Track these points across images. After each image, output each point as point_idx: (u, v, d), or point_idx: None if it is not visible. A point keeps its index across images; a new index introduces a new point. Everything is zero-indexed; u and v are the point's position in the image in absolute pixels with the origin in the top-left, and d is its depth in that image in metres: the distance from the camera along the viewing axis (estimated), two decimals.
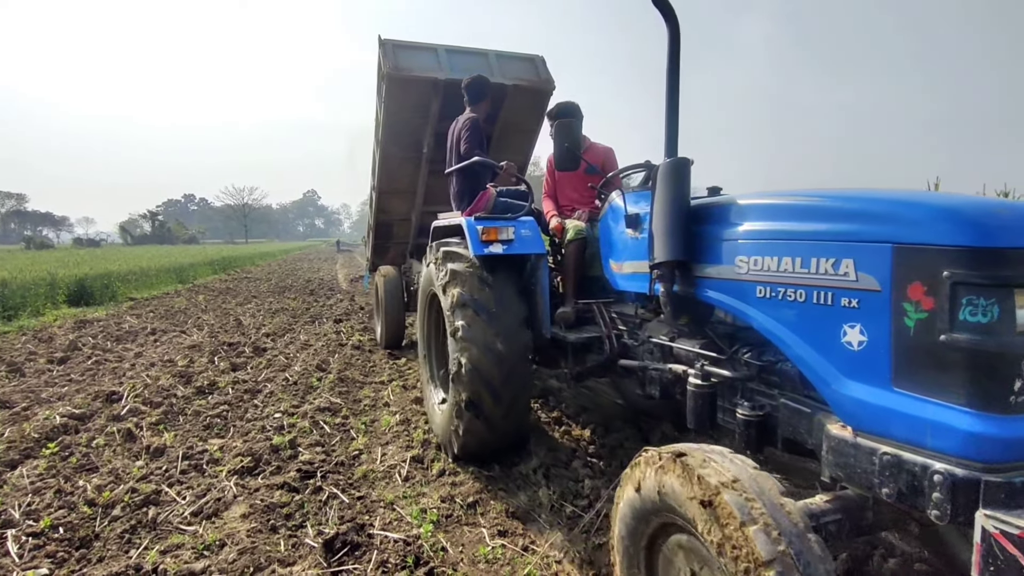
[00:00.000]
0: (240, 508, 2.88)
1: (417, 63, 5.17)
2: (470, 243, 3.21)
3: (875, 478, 1.45)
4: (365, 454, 3.61)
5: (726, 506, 1.32)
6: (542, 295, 3.32)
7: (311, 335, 7.80)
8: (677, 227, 2.10)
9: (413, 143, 5.72)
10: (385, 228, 6.85)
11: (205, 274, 19.66)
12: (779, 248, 1.76)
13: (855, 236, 1.54)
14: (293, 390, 5.04)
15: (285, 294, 13.43)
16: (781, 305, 1.74)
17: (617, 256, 2.88)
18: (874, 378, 1.49)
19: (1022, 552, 1.15)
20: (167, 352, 6.66)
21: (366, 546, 2.48)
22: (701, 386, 2.09)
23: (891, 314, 1.45)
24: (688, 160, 2.17)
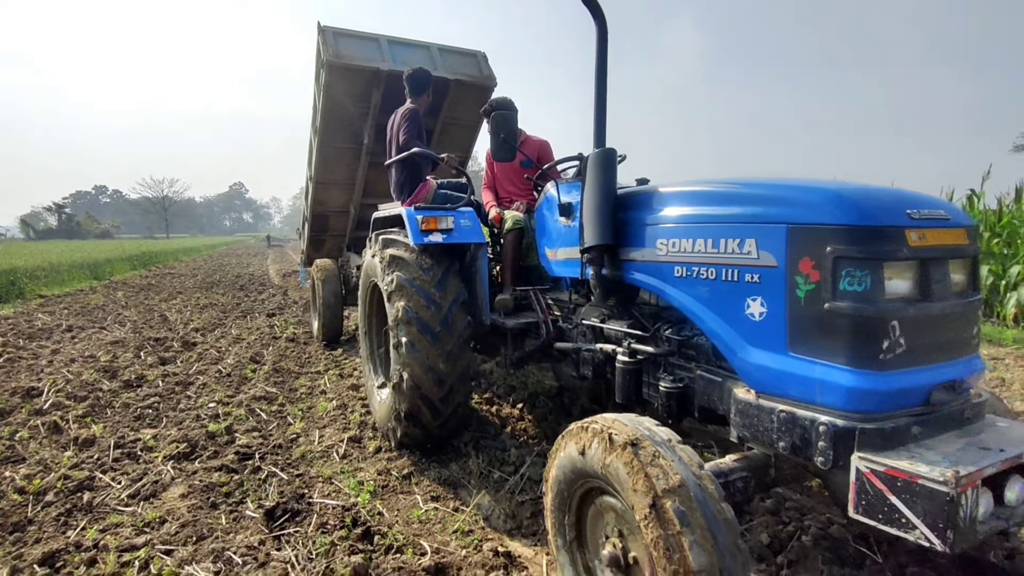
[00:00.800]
0: (179, 489, 2.97)
1: (359, 52, 5.13)
2: (410, 232, 3.27)
3: (773, 434, 1.65)
4: (303, 437, 3.74)
5: (633, 459, 1.51)
6: (481, 283, 3.44)
7: (243, 329, 7.70)
8: (604, 213, 2.26)
9: (353, 134, 5.68)
10: (322, 220, 6.76)
11: (123, 270, 18.57)
12: (693, 231, 1.95)
13: (757, 218, 1.74)
14: (227, 381, 5.05)
15: (213, 290, 12.99)
16: (695, 283, 1.93)
17: (551, 243, 3.01)
18: (773, 345, 1.68)
19: (887, 487, 1.38)
20: (87, 348, 6.42)
21: (306, 512, 2.66)
22: (628, 363, 2.27)
23: (786, 287, 1.63)
24: (614, 150, 2.34)
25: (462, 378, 3.15)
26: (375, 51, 5.20)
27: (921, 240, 1.55)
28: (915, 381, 1.54)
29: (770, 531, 2.43)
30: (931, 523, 1.31)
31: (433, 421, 3.12)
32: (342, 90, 5.23)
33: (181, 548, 2.40)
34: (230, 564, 2.25)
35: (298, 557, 2.28)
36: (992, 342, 5.97)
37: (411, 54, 5.32)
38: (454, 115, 5.77)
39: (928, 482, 1.31)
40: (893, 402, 1.51)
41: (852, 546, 2.31)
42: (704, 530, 1.37)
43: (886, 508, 1.39)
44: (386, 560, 2.26)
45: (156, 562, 2.28)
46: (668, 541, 1.39)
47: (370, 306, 4.04)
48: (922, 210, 1.61)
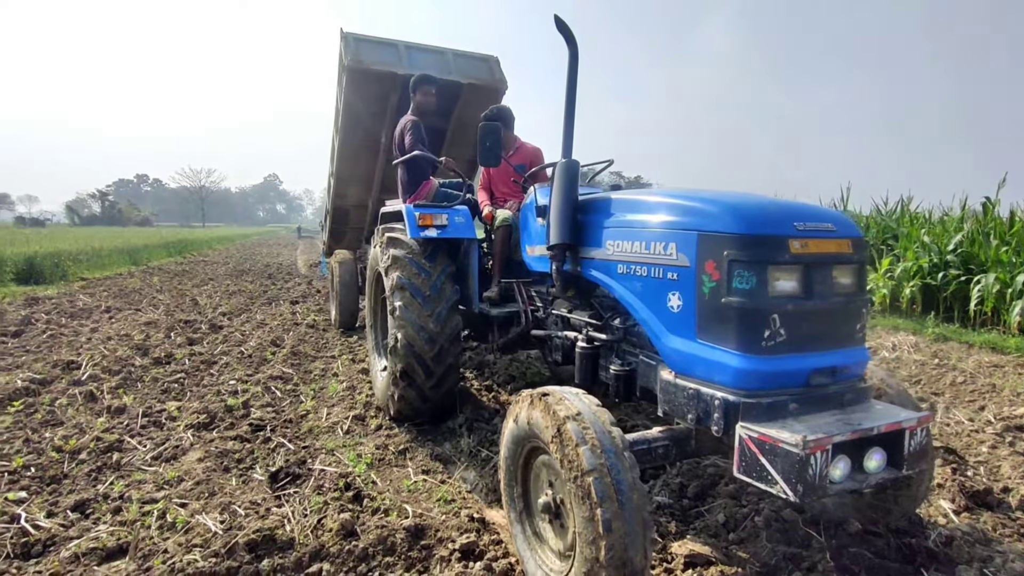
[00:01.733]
0: (196, 454, 3.28)
1: (378, 57, 5.39)
2: (408, 227, 3.63)
3: (685, 408, 1.96)
4: (312, 414, 4.04)
5: (567, 431, 1.75)
6: (473, 276, 3.78)
7: (267, 315, 8.09)
8: (566, 216, 2.56)
9: (371, 133, 5.98)
10: (342, 213, 7.13)
11: (160, 256, 19.40)
12: (632, 234, 2.25)
13: (677, 226, 2.04)
14: (248, 362, 5.40)
15: (243, 277, 13.54)
16: (632, 279, 2.23)
17: (531, 241, 3.30)
18: (686, 332, 1.97)
19: (759, 449, 1.65)
20: (123, 328, 6.87)
21: (306, 476, 2.95)
22: (586, 348, 2.61)
23: (695, 284, 1.92)
24: (577, 161, 2.63)
25: (452, 339, 3.46)
26: (393, 56, 5.45)
27: (803, 248, 1.82)
28: (794, 365, 1.81)
29: (727, 511, 2.61)
30: (786, 478, 1.57)
31: (426, 380, 3.42)
32: (361, 93, 5.53)
33: (194, 502, 2.70)
34: (235, 515, 2.53)
35: (294, 512, 2.55)
36: (996, 349, 5.95)
37: (428, 59, 5.56)
38: (466, 117, 6.00)
39: (785, 445, 1.58)
40: (774, 382, 1.78)
41: (801, 528, 2.47)
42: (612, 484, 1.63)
43: (758, 468, 1.65)
44: (372, 520, 2.51)
45: (172, 512, 2.59)
46: (584, 490, 1.65)
47: (376, 297, 4.35)
48: (808, 223, 1.88)
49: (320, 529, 2.42)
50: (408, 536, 2.38)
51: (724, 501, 2.71)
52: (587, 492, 1.64)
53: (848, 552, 2.29)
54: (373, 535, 2.35)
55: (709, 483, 2.94)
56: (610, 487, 1.62)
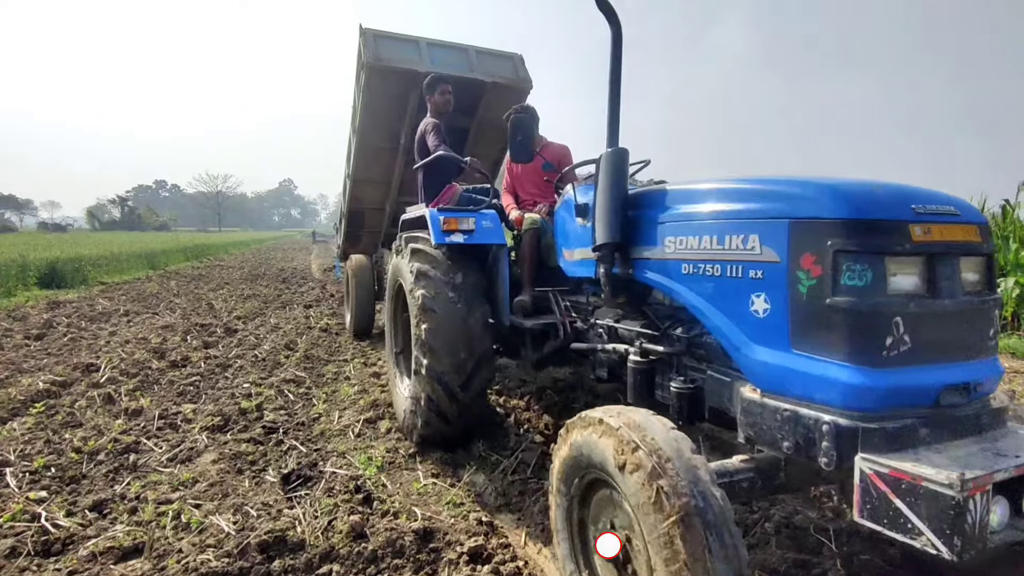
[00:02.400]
0: (210, 456, 3.33)
1: (398, 54, 5.18)
2: (432, 232, 3.33)
3: (777, 434, 1.60)
4: (324, 416, 4.08)
5: (640, 462, 1.46)
6: (502, 285, 3.45)
7: (281, 319, 8.19)
8: (615, 212, 2.26)
9: (390, 134, 5.77)
10: (357, 216, 6.95)
11: (177, 261, 19.73)
12: (699, 228, 1.93)
13: (760, 214, 1.72)
14: (262, 365, 5.47)
15: (258, 281, 13.71)
16: (700, 280, 1.91)
17: (569, 244, 3.02)
18: (776, 342, 1.63)
19: (891, 489, 1.31)
20: (140, 331, 6.99)
21: (317, 479, 2.98)
22: (640, 363, 2.26)
23: (788, 283, 1.60)
24: (626, 150, 2.33)
25: (483, 361, 3.18)
26: (414, 53, 5.25)
27: (926, 235, 1.51)
28: (921, 380, 1.49)
29: (738, 516, 2.59)
30: (937, 529, 1.24)
31: (454, 408, 3.14)
32: (381, 91, 5.33)
33: (208, 503, 2.75)
34: (247, 516, 2.57)
35: (305, 515, 2.58)
36: (1015, 355, 5.85)
37: (450, 56, 5.37)
38: (490, 116, 5.71)
39: (933, 485, 1.25)
40: (897, 401, 1.47)
41: (812, 535, 2.46)
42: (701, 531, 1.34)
43: (891, 512, 1.34)
44: (381, 522, 2.54)
45: (186, 512, 2.63)
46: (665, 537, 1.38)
47: (396, 308, 4.10)
48: (928, 205, 1.56)
49: (330, 531, 2.45)
50: (417, 539, 2.40)
51: (735, 507, 2.69)
52: (669, 540, 1.37)
53: (859, 559, 2.27)
54: (382, 537, 2.37)
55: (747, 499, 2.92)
56: (699, 533, 1.34)
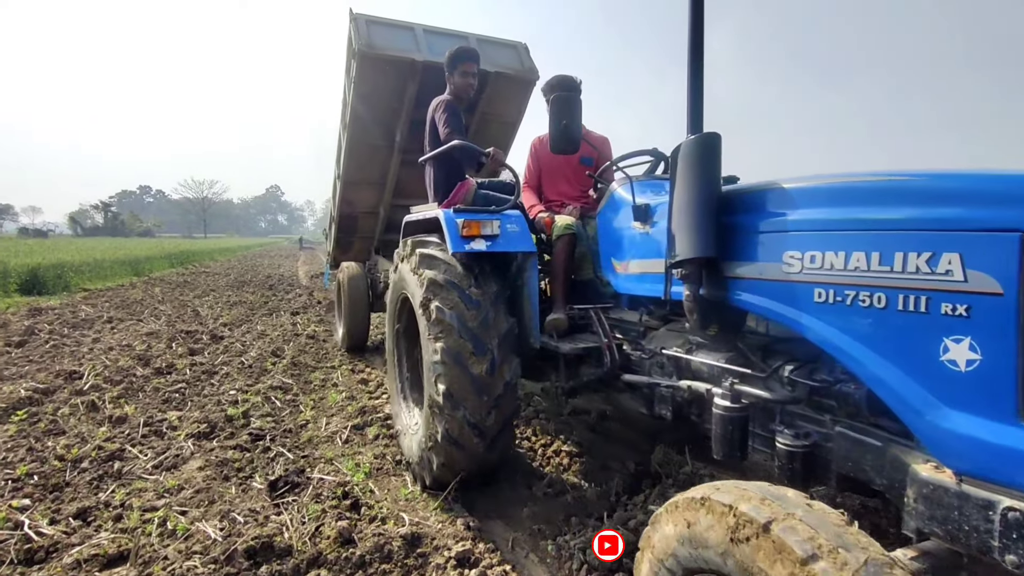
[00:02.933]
0: (196, 463, 3.31)
1: (393, 42, 4.79)
2: (448, 239, 2.78)
3: (994, 540, 1.15)
4: (311, 423, 4.07)
5: (776, 545, 1.09)
6: (530, 300, 2.90)
7: (268, 326, 8.14)
8: (706, 218, 1.78)
9: (385, 130, 5.37)
10: (349, 221, 6.50)
11: (162, 267, 19.52)
12: (847, 240, 1.45)
13: (963, 223, 1.23)
14: (248, 372, 5.44)
15: (244, 288, 13.61)
16: (850, 312, 1.44)
17: (621, 254, 2.59)
18: (990, 408, 1.19)
19: None
20: (125, 338, 6.92)
21: (304, 485, 2.98)
22: (731, 409, 1.76)
23: (1018, 325, 1.15)
24: (718, 136, 1.83)
25: (510, 390, 2.68)
26: (410, 41, 4.85)
27: None
28: None
29: None
30: None
31: (478, 444, 2.63)
32: (374, 83, 4.94)
33: (194, 509, 2.74)
34: (234, 523, 2.57)
35: (292, 520, 2.58)
36: None
37: (448, 44, 4.81)
38: (493, 110, 5.37)
39: None
40: None
41: None
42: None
43: None
44: (369, 527, 2.54)
45: (172, 519, 2.62)
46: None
47: (399, 322, 3.56)
48: None
49: (318, 536, 2.46)
50: (405, 544, 2.41)
51: None
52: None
53: None
54: (370, 543, 2.38)
55: None
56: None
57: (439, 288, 2.69)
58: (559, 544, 2.49)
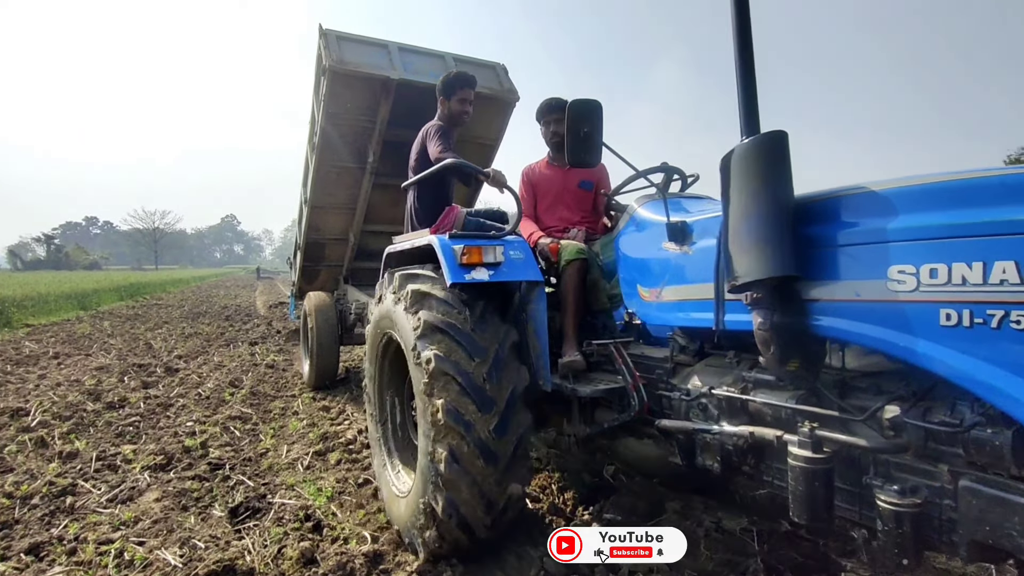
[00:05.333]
0: (153, 494, 3.28)
1: (365, 59, 4.61)
2: (446, 268, 2.41)
3: None
4: (272, 451, 4.06)
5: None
6: (539, 337, 2.51)
7: (225, 357, 8.00)
8: (780, 230, 1.53)
9: (356, 151, 5.17)
10: (316, 248, 6.22)
11: (110, 300, 18.81)
12: (988, 248, 1.20)
13: None
14: (205, 403, 5.36)
15: (199, 320, 13.28)
16: (997, 337, 1.18)
17: (651, 280, 2.31)
18: None
19: None
20: (73, 373, 6.70)
21: (266, 510, 3.00)
22: (814, 460, 1.48)
23: None
24: (784, 134, 1.60)
25: (520, 450, 2.30)
26: (383, 58, 4.68)
27: None
28: None
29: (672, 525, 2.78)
30: None
31: (484, 515, 2.24)
32: (345, 101, 4.75)
33: (152, 539, 2.71)
34: (194, 549, 2.57)
35: (254, 544, 2.60)
36: None
37: (424, 63, 4.84)
38: (471, 132, 5.17)
39: None
40: None
41: (738, 537, 2.67)
42: None
43: None
44: (331, 548, 2.59)
45: (130, 550, 2.60)
46: None
47: (382, 366, 3.08)
48: None
49: (280, 558, 2.49)
50: (367, 561, 2.46)
51: (670, 516, 2.89)
52: None
53: (777, 554, 2.49)
54: (332, 561, 2.42)
55: (657, 500, 3.11)
56: None
57: (437, 333, 2.28)
58: (518, 554, 2.59)
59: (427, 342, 2.28)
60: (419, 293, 2.46)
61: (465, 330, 2.29)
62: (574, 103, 2.20)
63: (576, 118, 2.18)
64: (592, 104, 2.20)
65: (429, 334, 2.30)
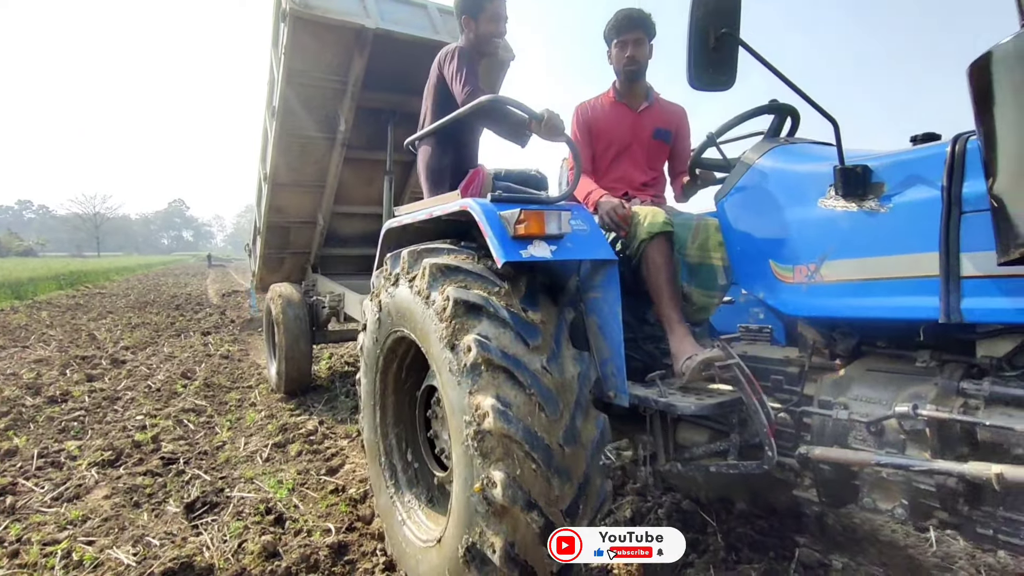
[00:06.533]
0: (102, 491, 3.14)
1: (334, 3, 3.86)
2: (494, 242, 1.80)
3: None
4: (229, 444, 3.94)
5: None
6: (605, 334, 1.96)
7: (176, 347, 7.70)
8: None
9: (325, 117, 4.45)
10: (280, 233, 5.46)
11: (48, 289, 17.79)
12: None
13: None
14: (156, 396, 5.15)
15: (147, 309, 12.72)
16: None
17: (799, 253, 1.72)
18: None
19: None
20: (9, 367, 6.32)
21: (224, 504, 2.91)
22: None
23: None
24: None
25: (594, 464, 1.72)
26: (356, 4, 3.95)
27: None
28: None
29: (634, 507, 2.85)
30: None
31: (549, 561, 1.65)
32: (311, 55, 4.02)
33: (102, 538, 2.60)
34: (149, 547, 2.48)
35: (212, 539, 2.53)
36: None
37: (403, 12, 4.17)
38: None
39: None
40: None
41: (699, 516, 2.75)
42: None
43: None
44: (294, 540, 2.54)
45: (78, 550, 2.48)
46: None
47: (385, 374, 2.42)
48: None
49: (241, 553, 2.42)
50: (331, 553, 2.43)
51: (632, 498, 2.96)
52: None
53: (735, 532, 2.58)
54: (296, 554, 2.38)
55: (619, 484, 3.18)
56: None
57: (477, 313, 1.72)
58: None
59: (464, 325, 1.70)
60: (444, 268, 1.86)
61: (513, 310, 1.72)
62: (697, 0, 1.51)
63: (704, 14, 1.52)
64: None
65: (465, 315, 1.71)
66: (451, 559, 1.77)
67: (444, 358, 1.76)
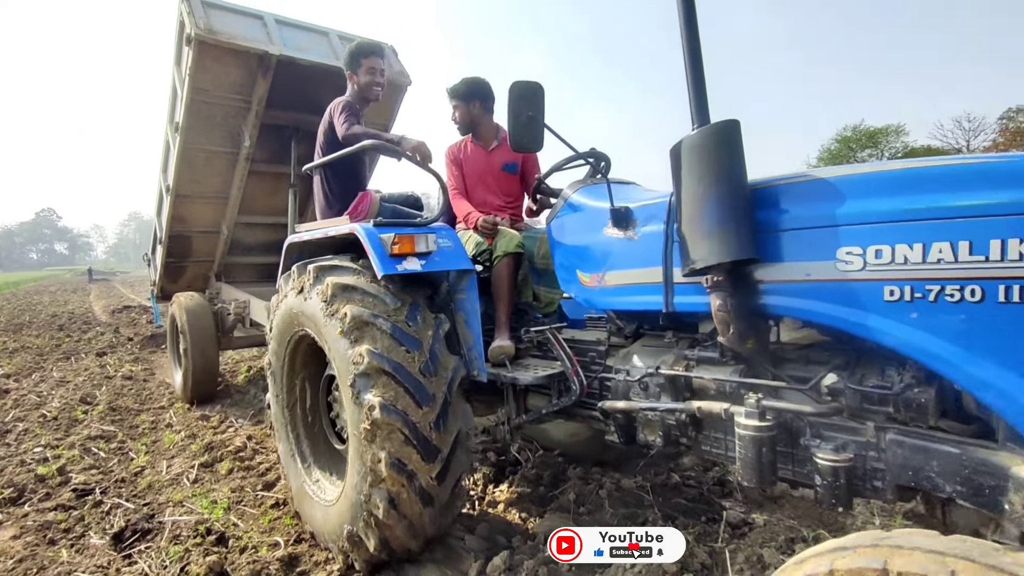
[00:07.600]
0: (9, 531, 2.87)
1: (238, 30, 4.13)
2: (375, 259, 2.28)
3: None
4: (149, 469, 3.70)
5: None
6: (470, 326, 2.49)
7: (67, 371, 7.02)
8: (737, 216, 1.61)
9: (228, 134, 4.66)
10: (182, 242, 5.53)
11: None
12: (926, 231, 1.34)
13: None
14: (53, 425, 4.70)
15: (24, 331, 11.41)
16: (934, 310, 1.33)
17: (592, 265, 2.27)
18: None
19: None
20: None
21: (157, 530, 2.76)
22: (761, 428, 1.60)
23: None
24: (736, 123, 1.67)
25: (461, 441, 2.27)
26: (259, 31, 4.23)
27: None
28: None
29: (577, 490, 3.02)
30: None
31: (426, 511, 2.17)
32: (216, 76, 4.23)
33: None
34: None
35: (151, 566, 2.40)
36: None
37: (306, 39, 4.44)
38: None
39: None
40: None
41: (635, 492, 2.97)
42: None
43: None
44: (241, 558, 2.46)
45: None
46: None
47: (293, 367, 2.89)
48: None
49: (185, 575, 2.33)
50: (283, 566, 2.40)
51: (574, 483, 3.13)
52: None
53: (670, 502, 2.81)
54: (246, 571, 2.33)
55: (560, 471, 3.34)
56: None
57: (367, 328, 2.17)
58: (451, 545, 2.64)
59: (358, 338, 2.16)
60: (344, 287, 2.29)
61: (396, 323, 2.19)
62: (516, 85, 2.08)
63: (518, 102, 2.06)
64: (534, 86, 2.10)
65: (359, 329, 2.17)
66: (347, 514, 2.26)
67: (342, 362, 2.21)
